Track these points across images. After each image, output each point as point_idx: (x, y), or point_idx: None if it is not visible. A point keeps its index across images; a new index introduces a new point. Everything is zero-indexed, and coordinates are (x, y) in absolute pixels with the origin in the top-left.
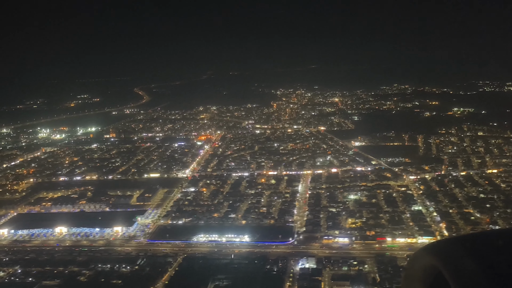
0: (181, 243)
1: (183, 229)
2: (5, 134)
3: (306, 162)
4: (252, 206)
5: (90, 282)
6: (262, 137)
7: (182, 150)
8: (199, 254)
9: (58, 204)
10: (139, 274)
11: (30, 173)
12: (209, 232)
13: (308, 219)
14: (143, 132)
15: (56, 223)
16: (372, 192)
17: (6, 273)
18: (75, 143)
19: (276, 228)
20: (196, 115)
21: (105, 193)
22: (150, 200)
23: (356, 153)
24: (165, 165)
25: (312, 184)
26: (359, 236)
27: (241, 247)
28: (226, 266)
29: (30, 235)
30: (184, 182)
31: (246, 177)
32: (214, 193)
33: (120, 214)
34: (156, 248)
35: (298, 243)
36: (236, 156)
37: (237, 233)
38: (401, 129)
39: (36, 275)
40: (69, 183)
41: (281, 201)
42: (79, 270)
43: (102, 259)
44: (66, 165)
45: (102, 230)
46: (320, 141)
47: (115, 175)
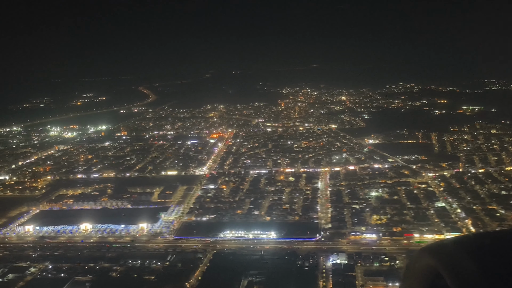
0: (208, 240)
1: (208, 225)
2: (16, 132)
3: (322, 159)
4: (274, 203)
5: (122, 277)
6: (274, 135)
7: (195, 148)
8: (228, 250)
9: (80, 201)
10: (171, 270)
11: (46, 171)
12: (235, 228)
13: (333, 215)
14: (154, 130)
15: (80, 220)
16: (393, 189)
17: (38, 269)
18: (87, 141)
19: (301, 224)
20: (204, 113)
21: (125, 190)
22: (171, 197)
23: (371, 151)
24: (181, 163)
25: (331, 181)
26: (386, 232)
27: (269, 243)
28: (257, 262)
29: (55, 232)
30: (202, 180)
31: (264, 175)
32: (234, 190)
33: (143, 211)
34: (183, 244)
35: (325, 239)
36: (251, 154)
37: (263, 229)
38: (413, 127)
39: (67, 271)
40: (87, 181)
41: (302, 198)
42: (110, 266)
43: (132, 255)
44: (82, 162)
45: (127, 227)
46: (333, 139)
47: (132, 173)
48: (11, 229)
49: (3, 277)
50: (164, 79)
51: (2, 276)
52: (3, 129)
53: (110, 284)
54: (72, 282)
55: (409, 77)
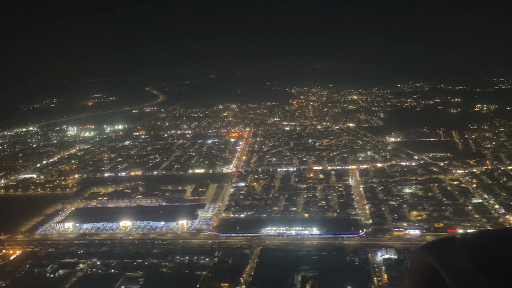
0: (250, 236)
1: (248, 222)
2: (33, 132)
3: (348, 157)
4: (309, 200)
5: (173, 273)
6: (294, 133)
7: (217, 146)
8: (274, 246)
9: (114, 199)
10: (222, 265)
11: (73, 169)
12: (276, 225)
13: (371, 212)
14: (171, 130)
15: (118, 217)
16: (426, 186)
17: (87, 265)
18: (107, 140)
19: (341, 220)
20: (218, 113)
21: (157, 188)
22: (205, 195)
23: (395, 148)
24: (207, 161)
25: (361, 178)
26: (428, 228)
27: (312, 239)
28: (306, 257)
29: (96, 229)
30: (231, 178)
31: (293, 172)
32: (266, 188)
33: (179, 208)
34: (227, 241)
35: (368, 235)
36: (275, 152)
37: (305, 225)
38: (432, 125)
39: (116, 267)
40: (116, 179)
41: (336, 195)
42: (158, 262)
43: (178, 251)
44: (106, 161)
45: (167, 224)
46: (354, 137)
47: (160, 171)
48: (50, 226)
49: (54, 273)
50: (170, 80)
51: (53, 272)
52: (19, 129)
53: (162, 280)
54: (124, 278)
55: (416, 77)
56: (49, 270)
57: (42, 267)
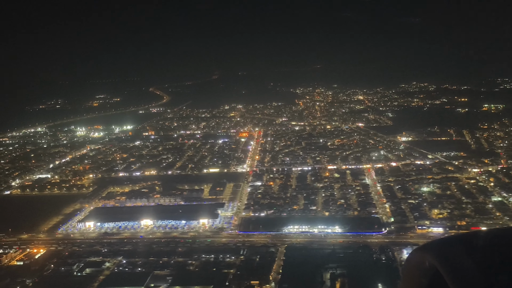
0: (272, 234)
1: (269, 221)
2: (42, 132)
3: (361, 156)
4: (327, 198)
5: (201, 271)
6: (304, 133)
7: (229, 146)
8: (298, 244)
9: (133, 198)
10: (249, 263)
11: (86, 169)
12: (298, 223)
13: (392, 210)
14: (180, 130)
15: (138, 216)
16: (443, 184)
17: (112, 264)
18: (117, 140)
19: (363, 219)
20: (225, 113)
21: (174, 187)
22: (222, 194)
23: (408, 148)
24: (220, 161)
25: (378, 177)
26: (451, 226)
27: (335, 237)
28: (332, 255)
29: (117, 228)
30: (247, 177)
31: (307, 171)
32: (283, 187)
33: (199, 207)
34: (250, 239)
35: (391, 233)
36: (287, 152)
37: (327, 224)
38: (441, 125)
39: (143, 265)
40: (131, 179)
41: (355, 193)
42: (184, 260)
43: (202, 249)
44: (119, 161)
45: (189, 222)
46: (365, 137)
47: (174, 171)
48: (71, 226)
49: (81, 272)
50: (172, 80)
51: (80, 270)
52: (27, 129)
53: (190, 278)
54: (152, 276)
55: (419, 77)
56: (76, 268)
57: (68, 266)
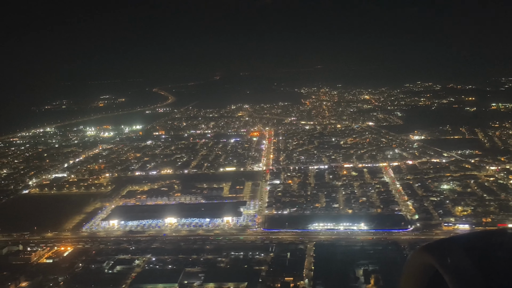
0: (298, 232)
1: (293, 218)
2: (52, 132)
3: (376, 155)
4: (349, 196)
5: (232, 268)
6: (315, 132)
7: (241, 145)
8: (326, 241)
9: (153, 197)
10: (280, 260)
11: (101, 169)
12: (323, 221)
13: (415, 207)
14: (190, 129)
15: (162, 214)
16: (462, 182)
17: (142, 261)
18: (128, 140)
19: (387, 216)
20: (232, 113)
21: (192, 186)
22: (242, 192)
23: (422, 146)
24: (235, 160)
25: (396, 175)
26: (477, 222)
27: (361, 234)
28: (362, 252)
29: (142, 226)
30: (263, 175)
31: (324, 170)
32: (302, 185)
33: (221, 205)
34: (277, 237)
35: (417, 230)
36: (301, 151)
37: (352, 221)
38: (454, 124)
39: (172, 262)
40: (148, 177)
41: (375, 191)
42: (213, 258)
43: (230, 247)
44: (134, 161)
45: (213, 220)
46: (377, 136)
47: (190, 170)
48: (95, 224)
49: (112, 269)
50: (174, 81)
51: (111, 268)
52: (36, 130)
53: (222, 274)
54: (185, 273)
55: (421, 76)
56: (106, 266)
57: (98, 263)
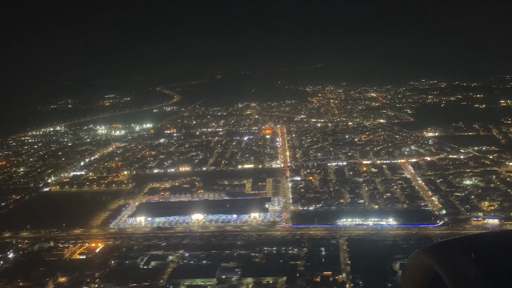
0: (327, 227)
1: (321, 214)
2: (63, 131)
3: (393, 151)
4: (372, 192)
5: (268, 263)
6: (327, 130)
7: (255, 143)
8: (357, 237)
9: (177, 194)
10: (315, 255)
11: (119, 166)
12: (351, 216)
13: (441, 202)
14: (201, 128)
15: (188, 211)
16: (484, 178)
17: (175, 257)
18: (140, 138)
19: (414, 211)
20: (241, 111)
21: (214, 182)
22: (265, 189)
23: (438, 142)
24: (252, 157)
25: (416, 171)
26: (506, 217)
27: (391, 229)
28: (395, 246)
29: (169, 222)
30: (283, 172)
31: (344, 166)
32: (323, 182)
33: (245, 201)
34: (306, 232)
35: (446, 225)
36: (317, 148)
37: (380, 217)
38: (466, 121)
39: (206, 258)
40: (167, 175)
41: (398, 187)
42: (247, 253)
43: (262, 242)
44: (150, 158)
45: (240, 216)
46: (390, 133)
47: (208, 167)
48: (122, 220)
49: (147, 264)
50: (176, 80)
51: (146, 263)
52: (46, 128)
53: (259, 269)
54: (221, 268)
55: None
56: (140, 262)
57: (132, 259)
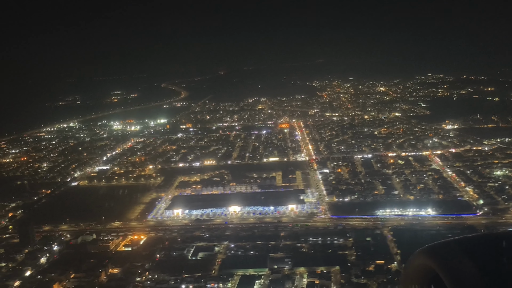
0: (367, 218)
1: (358, 205)
2: (77, 127)
3: (416, 143)
4: (405, 183)
5: (316, 253)
6: (344, 123)
7: (275, 136)
8: (400, 227)
9: (209, 186)
10: (363, 245)
11: (142, 160)
12: (390, 207)
13: (477, 193)
14: (216, 122)
15: (224, 203)
16: None
17: (222, 248)
18: (157, 133)
19: (451, 202)
20: (252, 106)
21: (243, 175)
22: (295, 181)
23: (460, 135)
24: (275, 150)
25: (443, 162)
26: None
27: (432, 219)
28: (441, 236)
29: (207, 214)
30: (309, 165)
31: (370, 159)
32: (353, 174)
33: (280, 193)
34: (347, 223)
35: (486, 214)
36: (339, 141)
37: (419, 207)
38: (482, 113)
39: (252, 249)
40: (193, 168)
41: (429, 178)
42: (292, 243)
43: (305, 233)
44: (172, 153)
45: (278, 208)
46: (409, 125)
47: (233, 160)
48: (159, 213)
49: (195, 256)
50: (180, 76)
51: (193, 254)
52: (59, 125)
53: (309, 259)
54: (270, 258)
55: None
56: (187, 253)
57: (178, 250)
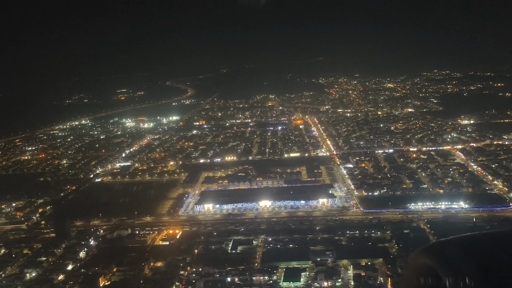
0: (400, 211)
1: (389, 199)
2: (89, 125)
3: (435, 138)
4: (432, 177)
5: (357, 246)
6: (358, 119)
7: (291, 132)
8: (435, 219)
9: (235, 182)
10: (403, 237)
11: (162, 157)
12: (422, 200)
13: (507, 186)
14: (230, 119)
15: (254, 198)
16: None
17: (260, 241)
18: (172, 130)
19: (482, 195)
20: (261, 103)
21: (267, 170)
22: (321, 176)
23: (477, 129)
24: (294, 146)
25: (467, 157)
26: None
27: (465, 212)
28: (478, 228)
29: (239, 209)
30: (332, 160)
31: (392, 154)
32: (377, 168)
33: (309, 188)
34: (381, 216)
35: None
36: (357, 136)
37: (451, 200)
38: (496, 108)
39: (290, 242)
40: (216, 164)
41: (455, 172)
42: (330, 237)
43: (341, 226)
44: (191, 149)
45: (308, 202)
46: (424, 121)
47: (254, 156)
48: (189, 208)
49: (235, 249)
50: (183, 74)
51: (233, 248)
52: (71, 122)
53: (350, 252)
54: (311, 251)
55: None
56: (226, 246)
57: (217, 244)
